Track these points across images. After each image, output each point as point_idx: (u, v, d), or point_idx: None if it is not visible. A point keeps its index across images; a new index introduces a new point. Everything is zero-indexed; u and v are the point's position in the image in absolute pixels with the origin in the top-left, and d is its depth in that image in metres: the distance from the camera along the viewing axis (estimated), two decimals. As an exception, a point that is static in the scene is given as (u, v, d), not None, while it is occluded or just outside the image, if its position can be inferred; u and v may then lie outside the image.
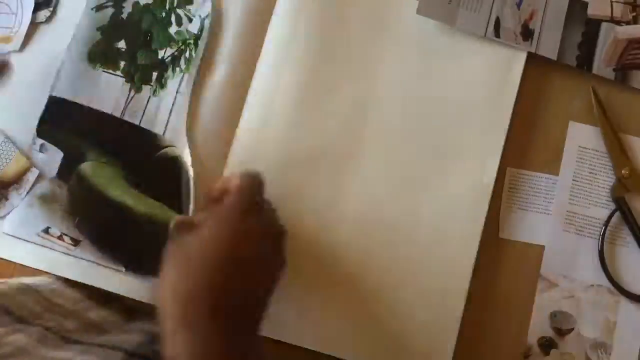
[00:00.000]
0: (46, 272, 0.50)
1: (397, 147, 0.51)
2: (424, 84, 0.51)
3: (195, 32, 0.52)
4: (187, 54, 0.52)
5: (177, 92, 0.51)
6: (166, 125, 0.51)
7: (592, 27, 0.51)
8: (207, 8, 0.53)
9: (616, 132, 0.50)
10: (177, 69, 0.52)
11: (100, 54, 0.52)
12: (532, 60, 0.51)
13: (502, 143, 0.50)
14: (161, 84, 0.52)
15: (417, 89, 0.51)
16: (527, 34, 0.51)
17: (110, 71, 0.52)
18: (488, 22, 0.51)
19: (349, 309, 0.49)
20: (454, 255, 0.49)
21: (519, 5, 0.51)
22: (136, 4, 0.53)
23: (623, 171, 0.50)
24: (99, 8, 0.53)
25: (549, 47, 0.51)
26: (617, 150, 0.50)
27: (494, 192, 0.50)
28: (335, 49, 0.52)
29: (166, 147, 0.51)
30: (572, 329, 0.48)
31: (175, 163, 0.50)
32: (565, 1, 0.52)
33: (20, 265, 0.50)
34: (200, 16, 0.52)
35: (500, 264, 0.50)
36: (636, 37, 0.51)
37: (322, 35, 0.52)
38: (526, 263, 0.50)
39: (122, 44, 0.53)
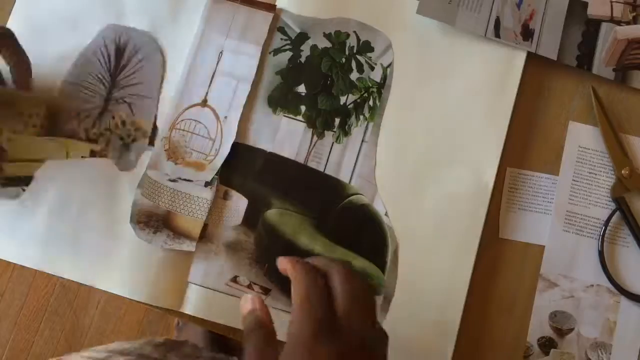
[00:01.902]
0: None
1: (397, 147, 0.51)
2: (423, 84, 0.51)
3: (378, 81, 0.51)
4: (370, 102, 0.51)
5: (362, 141, 0.50)
6: (352, 173, 0.50)
7: (592, 27, 0.51)
8: (389, 57, 0.51)
9: (616, 132, 0.50)
10: (361, 116, 0.51)
11: (280, 98, 0.51)
12: (532, 60, 0.51)
13: (502, 143, 0.50)
14: (344, 130, 0.51)
15: (417, 88, 0.51)
16: (527, 34, 0.51)
17: (291, 116, 0.51)
18: (488, 22, 0.51)
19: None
20: (454, 255, 0.49)
21: (519, 5, 0.51)
22: (314, 47, 0.52)
23: (623, 171, 0.50)
24: (276, 51, 0.52)
25: (549, 47, 0.51)
26: (617, 150, 0.50)
27: (494, 192, 0.50)
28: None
29: (352, 194, 0.50)
30: (572, 329, 0.48)
31: (364, 211, 0.49)
32: (565, 1, 0.52)
33: (19, 266, 0.50)
34: (382, 64, 0.51)
35: (500, 264, 0.50)
36: (636, 37, 0.51)
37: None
38: (526, 263, 0.50)
39: (301, 89, 0.51)
